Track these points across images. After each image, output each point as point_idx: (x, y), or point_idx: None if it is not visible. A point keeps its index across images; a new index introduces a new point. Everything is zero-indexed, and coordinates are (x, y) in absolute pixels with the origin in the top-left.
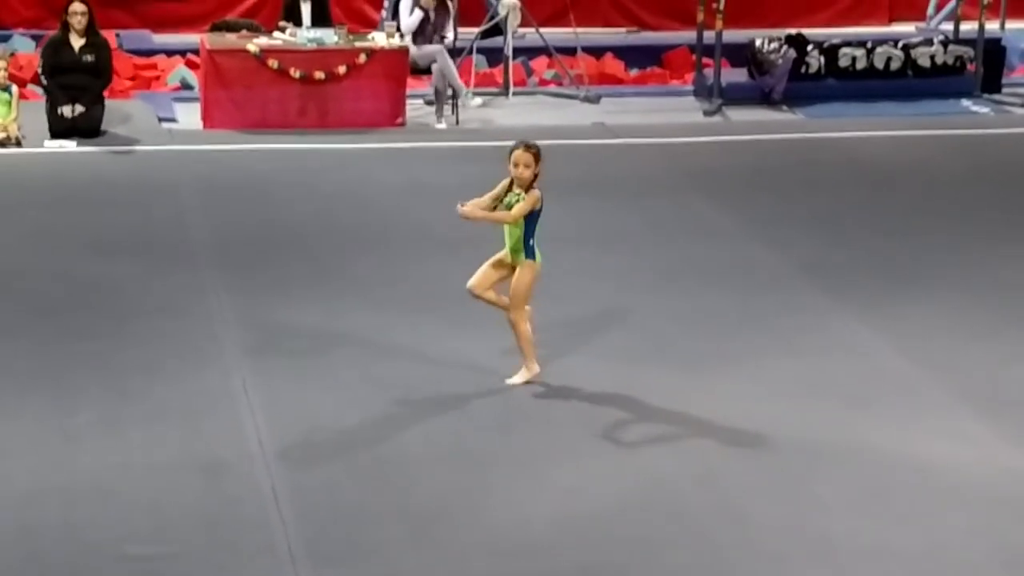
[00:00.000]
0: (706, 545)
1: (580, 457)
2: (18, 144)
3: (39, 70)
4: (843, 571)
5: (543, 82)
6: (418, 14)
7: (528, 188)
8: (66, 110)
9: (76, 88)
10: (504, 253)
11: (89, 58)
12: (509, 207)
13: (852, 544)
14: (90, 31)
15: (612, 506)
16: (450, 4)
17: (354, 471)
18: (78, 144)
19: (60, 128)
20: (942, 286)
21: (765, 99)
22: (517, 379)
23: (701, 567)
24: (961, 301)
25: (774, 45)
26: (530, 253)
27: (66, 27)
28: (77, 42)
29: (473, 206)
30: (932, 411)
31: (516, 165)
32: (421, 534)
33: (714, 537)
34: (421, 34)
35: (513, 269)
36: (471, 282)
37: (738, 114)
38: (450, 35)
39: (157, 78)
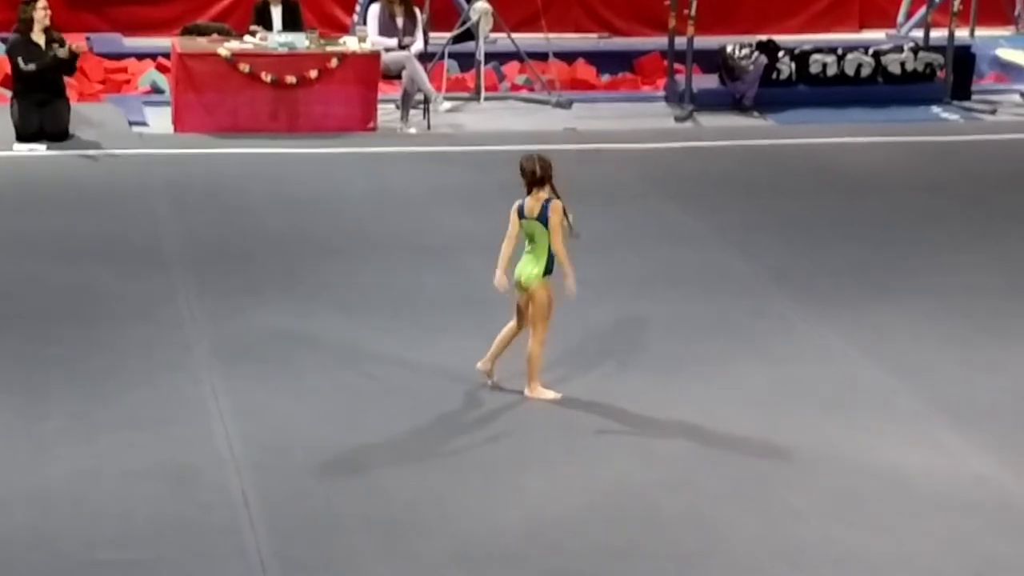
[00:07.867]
0: (677, 553)
1: (551, 464)
2: None
3: (19, 63)
4: None
5: (515, 87)
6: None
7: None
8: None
9: (44, 83)
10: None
11: (60, 52)
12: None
13: (824, 552)
14: (49, 29)
15: (583, 513)
16: (418, 12)
17: (325, 477)
18: (47, 148)
19: (28, 132)
20: (913, 292)
21: (736, 105)
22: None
23: (672, 575)
24: (932, 307)
25: (745, 51)
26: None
27: (27, 25)
28: (40, 39)
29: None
30: (904, 418)
31: None
32: (391, 541)
33: (685, 545)
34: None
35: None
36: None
37: (709, 120)
38: (419, 43)
39: (128, 81)
